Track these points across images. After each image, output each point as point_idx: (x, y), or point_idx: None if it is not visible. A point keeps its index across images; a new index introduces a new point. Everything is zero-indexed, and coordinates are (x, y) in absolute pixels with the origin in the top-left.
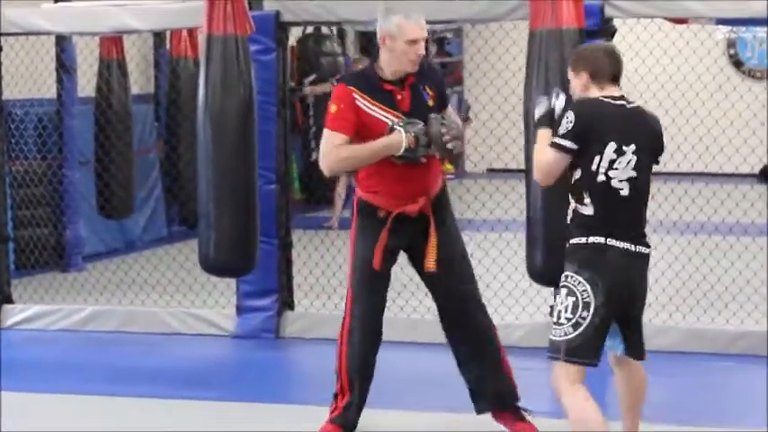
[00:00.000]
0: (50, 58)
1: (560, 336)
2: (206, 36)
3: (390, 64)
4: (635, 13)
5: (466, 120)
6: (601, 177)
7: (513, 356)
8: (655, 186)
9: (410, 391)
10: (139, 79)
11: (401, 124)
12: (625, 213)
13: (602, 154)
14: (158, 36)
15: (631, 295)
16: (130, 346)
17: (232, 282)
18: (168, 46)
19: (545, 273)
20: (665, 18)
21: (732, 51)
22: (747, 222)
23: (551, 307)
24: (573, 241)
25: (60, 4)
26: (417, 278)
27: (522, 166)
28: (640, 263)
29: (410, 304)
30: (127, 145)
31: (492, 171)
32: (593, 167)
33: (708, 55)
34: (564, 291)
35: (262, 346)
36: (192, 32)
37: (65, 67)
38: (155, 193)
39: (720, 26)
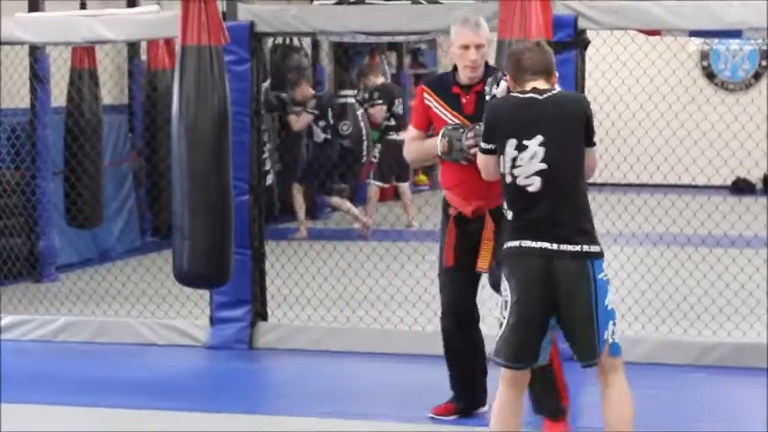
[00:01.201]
0: (24, 67)
1: (496, 336)
2: (180, 47)
3: (459, 68)
4: (608, 25)
5: None
6: (508, 178)
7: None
8: (627, 198)
9: (382, 402)
10: (113, 90)
11: (449, 128)
12: (539, 210)
13: (504, 154)
14: (132, 46)
15: (555, 296)
16: (103, 356)
17: (205, 292)
18: (144, 56)
19: None
20: (639, 30)
21: (705, 63)
22: (720, 234)
23: None
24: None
25: (34, 14)
26: (391, 290)
27: None
28: (565, 262)
29: (383, 315)
30: (97, 154)
31: None
32: (501, 170)
33: (681, 67)
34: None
35: (235, 356)
36: (168, 43)
37: (38, 77)
38: (128, 203)
39: (693, 38)
